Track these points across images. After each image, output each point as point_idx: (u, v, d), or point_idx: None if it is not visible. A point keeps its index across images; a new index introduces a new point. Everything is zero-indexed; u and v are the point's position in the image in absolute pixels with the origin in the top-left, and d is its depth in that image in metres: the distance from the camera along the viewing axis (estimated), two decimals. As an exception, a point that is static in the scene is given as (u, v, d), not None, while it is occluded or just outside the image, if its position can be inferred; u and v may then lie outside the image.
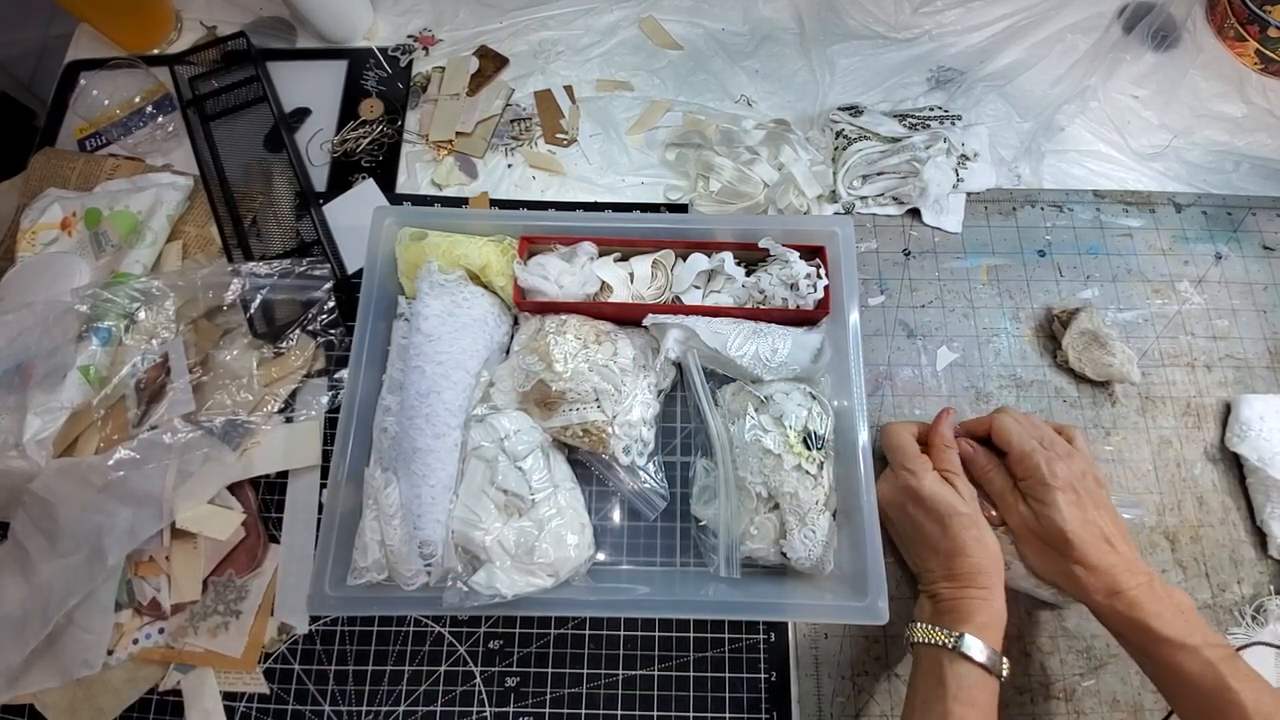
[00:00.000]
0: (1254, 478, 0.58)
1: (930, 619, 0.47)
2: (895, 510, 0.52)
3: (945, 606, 0.47)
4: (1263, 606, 0.55)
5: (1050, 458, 0.49)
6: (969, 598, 0.46)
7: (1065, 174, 0.69)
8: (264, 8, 0.76)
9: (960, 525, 0.48)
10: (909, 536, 0.52)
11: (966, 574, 0.47)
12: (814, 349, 0.55)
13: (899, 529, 0.53)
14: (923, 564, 0.51)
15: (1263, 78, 0.73)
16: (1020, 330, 0.63)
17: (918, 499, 0.50)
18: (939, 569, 0.49)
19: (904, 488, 0.51)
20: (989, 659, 0.44)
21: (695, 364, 0.54)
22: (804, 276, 0.55)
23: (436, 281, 0.55)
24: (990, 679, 0.44)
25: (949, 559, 0.48)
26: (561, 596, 0.50)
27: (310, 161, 0.69)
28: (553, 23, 0.75)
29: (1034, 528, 0.49)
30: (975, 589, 0.46)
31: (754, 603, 0.51)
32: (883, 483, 0.53)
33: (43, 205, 0.63)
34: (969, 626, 0.45)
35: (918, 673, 0.46)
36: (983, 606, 0.46)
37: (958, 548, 0.47)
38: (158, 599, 0.54)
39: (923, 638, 0.46)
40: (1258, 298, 0.65)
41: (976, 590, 0.46)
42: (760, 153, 0.65)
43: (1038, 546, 0.49)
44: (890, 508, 0.52)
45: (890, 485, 0.52)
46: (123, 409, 0.57)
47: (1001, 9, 0.75)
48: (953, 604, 0.47)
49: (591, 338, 0.54)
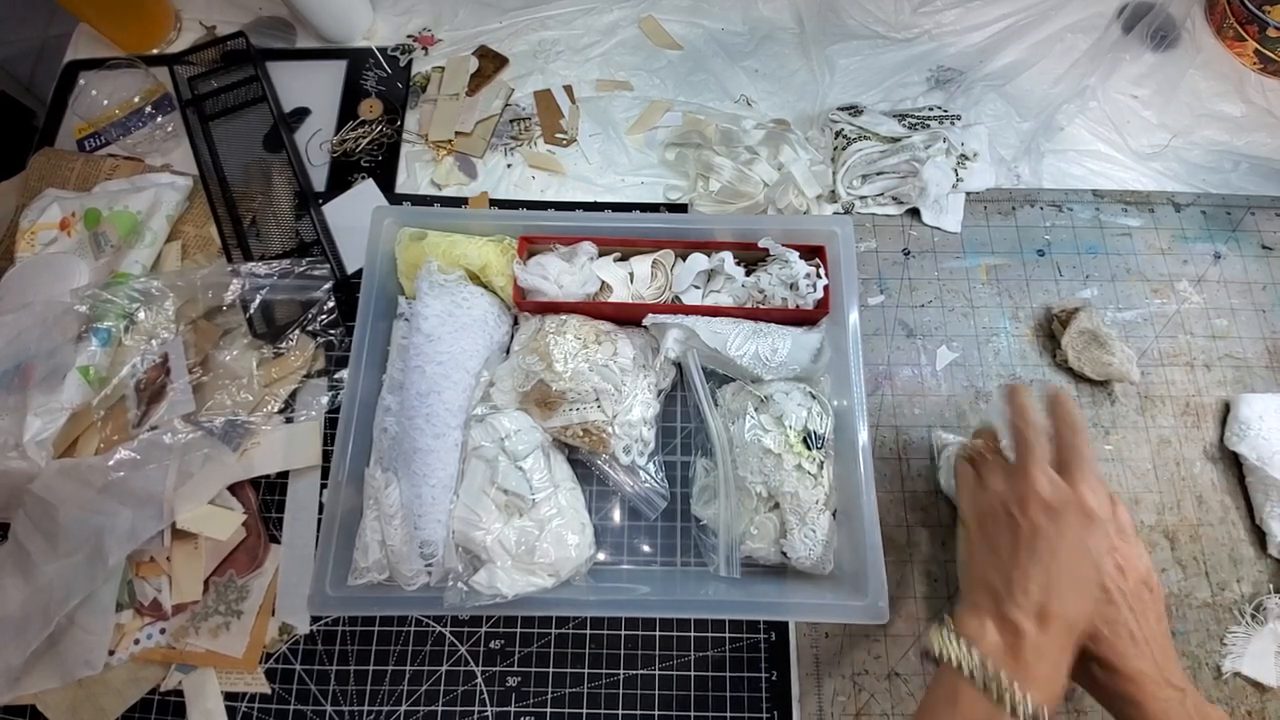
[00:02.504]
0: (1253, 477, 0.58)
1: (993, 653, 0.37)
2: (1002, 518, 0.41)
3: (1021, 649, 0.37)
4: (1262, 605, 0.55)
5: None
6: (1054, 650, 0.37)
7: (1065, 174, 0.69)
8: (264, 8, 0.76)
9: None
10: (1006, 547, 0.40)
11: (1066, 624, 0.38)
12: (814, 349, 0.55)
13: (995, 539, 0.41)
14: (1019, 583, 0.39)
15: (1262, 77, 0.73)
16: (1020, 330, 0.63)
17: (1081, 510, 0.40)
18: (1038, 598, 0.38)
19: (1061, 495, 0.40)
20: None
21: (695, 364, 0.54)
22: (804, 276, 0.55)
23: (436, 281, 0.55)
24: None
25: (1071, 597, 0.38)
26: (562, 596, 0.50)
27: (310, 161, 0.69)
28: (552, 23, 0.75)
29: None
30: (1065, 642, 0.38)
31: (754, 602, 0.51)
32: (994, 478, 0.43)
33: (42, 205, 0.63)
34: (1037, 690, 0.35)
35: (939, 700, 0.38)
36: (1058, 671, 0.37)
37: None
38: (159, 599, 0.54)
39: (970, 670, 0.36)
40: (1256, 297, 0.65)
41: (1064, 643, 0.37)
42: (760, 152, 0.65)
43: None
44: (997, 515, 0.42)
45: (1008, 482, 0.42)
46: (123, 409, 0.57)
47: (1001, 9, 0.75)
48: (1034, 652, 0.36)
49: (591, 338, 0.54)
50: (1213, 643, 0.55)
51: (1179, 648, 0.55)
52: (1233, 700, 0.53)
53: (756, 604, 0.51)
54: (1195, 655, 0.55)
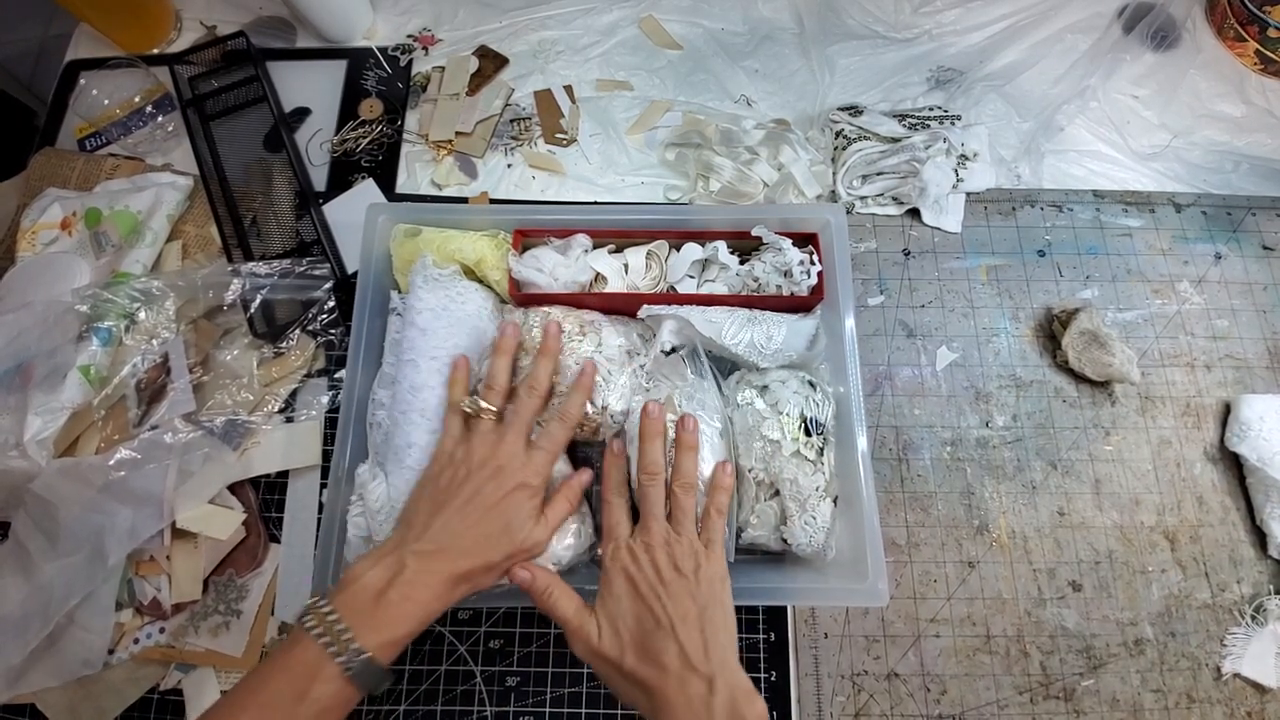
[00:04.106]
0: (1254, 477, 0.58)
1: (351, 600, 0.39)
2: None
3: (389, 589, 0.40)
4: (1262, 606, 0.55)
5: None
6: (427, 587, 0.41)
7: (1065, 174, 0.69)
8: (264, 7, 0.76)
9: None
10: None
11: (450, 568, 0.42)
12: (809, 335, 0.54)
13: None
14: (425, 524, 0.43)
15: (1262, 78, 0.73)
16: (1020, 330, 0.63)
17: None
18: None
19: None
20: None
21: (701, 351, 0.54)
22: (797, 264, 0.54)
23: (431, 276, 0.54)
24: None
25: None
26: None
27: (310, 161, 0.69)
28: (552, 23, 0.75)
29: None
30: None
31: (754, 588, 0.50)
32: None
33: (43, 205, 0.63)
34: (377, 634, 0.38)
35: (278, 650, 0.39)
36: (420, 610, 0.40)
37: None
38: (158, 599, 0.54)
39: (311, 621, 0.38)
40: (1257, 298, 0.65)
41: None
42: (760, 153, 0.65)
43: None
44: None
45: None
46: (123, 409, 0.57)
47: (1001, 9, 0.75)
48: (406, 586, 0.40)
49: (575, 330, 0.53)
50: (1213, 644, 0.55)
51: (1179, 648, 0.55)
52: (1233, 701, 0.53)
53: (756, 589, 0.50)
54: (1195, 656, 0.55)
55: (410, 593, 0.40)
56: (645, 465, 0.46)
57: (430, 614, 0.41)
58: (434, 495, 0.44)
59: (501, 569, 0.43)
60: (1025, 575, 0.56)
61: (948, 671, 0.54)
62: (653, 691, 0.39)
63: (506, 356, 0.49)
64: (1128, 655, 0.55)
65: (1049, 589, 0.56)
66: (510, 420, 0.47)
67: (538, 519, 0.45)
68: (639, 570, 0.42)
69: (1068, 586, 0.56)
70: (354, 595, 0.40)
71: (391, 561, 0.41)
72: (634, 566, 0.43)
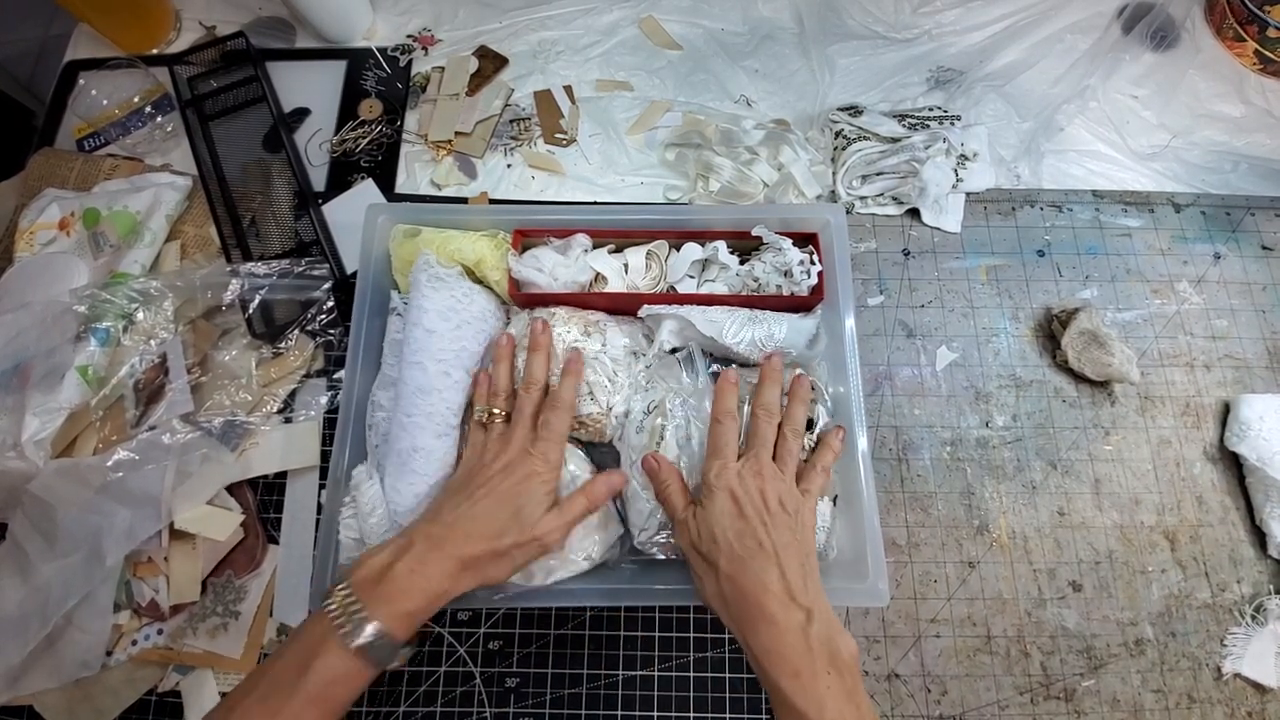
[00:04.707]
0: (1253, 477, 0.58)
1: (367, 574, 0.41)
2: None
3: (396, 563, 0.41)
4: (1262, 606, 0.55)
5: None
6: (437, 564, 0.42)
7: (1064, 174, 0.69)
8: (263, 8, 0.76)
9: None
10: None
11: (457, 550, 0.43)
12: (809, 333, 0.54)
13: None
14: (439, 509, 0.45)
15: (1261, 78, 0.73)
16: (1020, 330, 0.63)
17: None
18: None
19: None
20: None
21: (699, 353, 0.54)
22: (797, 263, 0.54)
23: (436, 275, 0.54)
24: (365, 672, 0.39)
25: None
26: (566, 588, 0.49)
27: (309, 161, 0.69)
28: (552, 23, 0.75)
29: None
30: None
31: None
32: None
33: (41, 205, 0.63)
34: (390, 606, 0.39)
35: (297, 630, 0.41)
36: (430, 585, 0.41)
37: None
38: (156, 600, 0.54)
39: (328, 599, 0.40)
40: (1256, 298, 0.65)
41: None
42: (760, 153, 0.65)
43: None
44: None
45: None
46: (121, 409, 0.57)
47: (1001, 9, 0.75)
48: (416, 560, 0.41)
49: (580, 330, 0.53)
50: (1213, 644, 0.55)
51: (1180, 649, 0.55)
52: (1233, 701, 0.53)
53: None
54: (1195, 656, 0.55)
55: (417, 567, 0.41)
56: (763, 403, 0.48)
57: (440, 592, 0.41)
58: (453, 492, 0.46)
59: (512, 560, 0.44)
60: (1025, 575, 0.56)
61: (948, 672, 0.54)
62: (750, 602, 0.40)
63: (506, 363, 0.52)
64: (1128, 655, 0.55)
65: (1049, 589, 0.56)
66: (514, 418, 0.48)
67: (550, 507, 0.45)
68: (745, 493, 0.44)
69: (1068, 586, 0.56)
70: (366, 572, 0.41)
71: (402, 541, 0.42)
72: (740, 489, 0.44)
